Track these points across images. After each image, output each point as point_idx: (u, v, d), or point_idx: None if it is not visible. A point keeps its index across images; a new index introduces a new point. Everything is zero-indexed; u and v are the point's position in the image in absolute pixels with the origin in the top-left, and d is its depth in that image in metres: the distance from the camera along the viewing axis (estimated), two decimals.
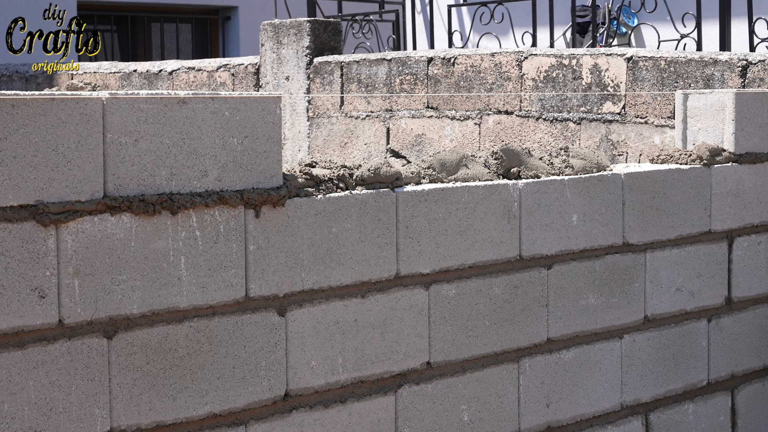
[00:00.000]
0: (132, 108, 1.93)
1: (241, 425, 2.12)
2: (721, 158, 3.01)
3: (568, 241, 2.66)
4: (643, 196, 2.81)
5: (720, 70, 4.73)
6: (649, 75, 5.01)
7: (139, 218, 1.95)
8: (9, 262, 1.82)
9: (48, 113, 1.83)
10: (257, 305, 2.13)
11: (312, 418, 2.22)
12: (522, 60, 5.55)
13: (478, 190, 2.47)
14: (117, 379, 1.95)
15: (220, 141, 2.04)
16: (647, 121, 5.02)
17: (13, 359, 1.84)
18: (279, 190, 2.12)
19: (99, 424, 1.93)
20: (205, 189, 2.03)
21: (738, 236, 3.07)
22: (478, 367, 2.51)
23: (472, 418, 2.49)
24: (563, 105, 5.39)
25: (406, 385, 2.38)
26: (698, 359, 2.99)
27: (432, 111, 6.03)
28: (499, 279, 2.53)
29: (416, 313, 2.38)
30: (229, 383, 2.09)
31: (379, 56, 6.40)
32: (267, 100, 2.10)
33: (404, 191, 2.35)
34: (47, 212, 1.84)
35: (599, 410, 2.76)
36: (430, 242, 2.39)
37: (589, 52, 5.31)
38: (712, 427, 3.04)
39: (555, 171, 2.66)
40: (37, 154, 1.83)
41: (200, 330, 2.05)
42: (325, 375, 2.24)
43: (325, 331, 2.23)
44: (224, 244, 2.07)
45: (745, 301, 3.11)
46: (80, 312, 1.90)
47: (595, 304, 2.73)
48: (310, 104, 6.64)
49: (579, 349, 2.71)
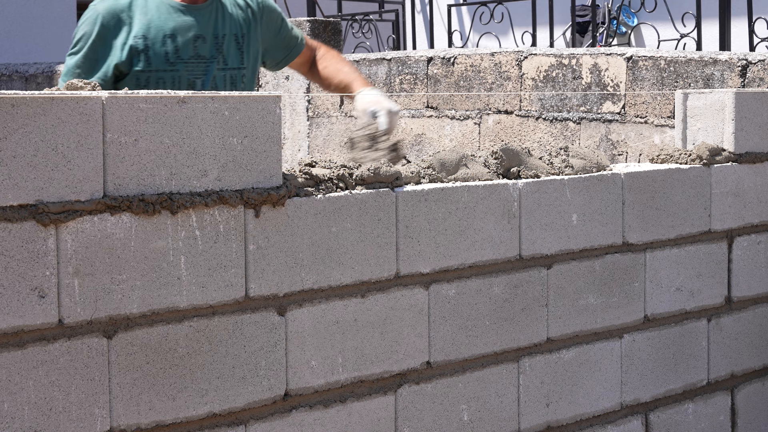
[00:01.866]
0: (132, 107, 1.93)
1: (240, 425, 2.12)
2: (721, 158, 3.01)
3: (567, 240, 2.66)
4: (643, 195, 2.81)
5: (720, 70, 4.73)
6: (648, 75, 5.01)
7: (138, 218, 1.95)
8: (9, 261, 1.82)
9: (48, 113, 1.83)
10: (257, 305, 2.13)
11: (312, 417, 2.22)
12: (522, 60, 5.55)
13: (477, 189, 2.47)
14: (117, 379, 1.95)
15: (220, 140, 2.04)
16: (647, 121, 5.02)
17: (13, 359, 1.84)
18: (279, 190, 2.12)
19: (99, 423, 1.93)
20: (205, 189, 2.03)
21: (738, 236, 3.07)
22: (477, 367, 2.51)
23: (471, 417, 2.50)
24: (563, 104, 5.39)
25: (405, 384, 2.38)
26: (698, 359, 2.99)
27: (432, 110, 6.03)
28: (498, 279, 2.53)
29: (416, 312, 2.38)
30: (229, 383, 2.09)
31: (379, 56, 6.40)
32: (267, 100, 2.10)
33: (404, 191, 2.35)
34: (47, 212, 1.84)
35: (599, 410, 2.76)
36: (430, 242, 2.39)
37: (588, 52, 5.31)
38: (711, 426, 3.04)
39: (555, 171, 2.66)
40: (36, 154, 1.83)
41: (200, 330, 2.05)
42: (325, 374, 2.24)
43: (324, 331, 2.23)
44: (224, 243, 2.07)
45: (744, 300, 3.11)
46: (80, 312, 1.90)
47: (594, 304, 2.73)
48: (309, 104, 6.64)
49: (579, 349, 2.71)
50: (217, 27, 3.08)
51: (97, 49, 2.99)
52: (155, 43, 2.99)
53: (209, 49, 3.06)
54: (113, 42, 2.98)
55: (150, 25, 3.00)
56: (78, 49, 3.01)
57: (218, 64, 3.08)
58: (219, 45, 3.08)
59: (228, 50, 3.09)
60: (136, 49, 2.98)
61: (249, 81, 3.20)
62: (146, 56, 2.98)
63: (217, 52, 3.07)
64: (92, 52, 2.99)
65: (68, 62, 3.03)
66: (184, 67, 3.01)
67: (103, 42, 2.99)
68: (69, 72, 3.00)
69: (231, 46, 3.10)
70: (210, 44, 3.06)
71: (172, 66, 3.00)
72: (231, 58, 3.11)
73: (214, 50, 3.06)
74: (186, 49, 3.02)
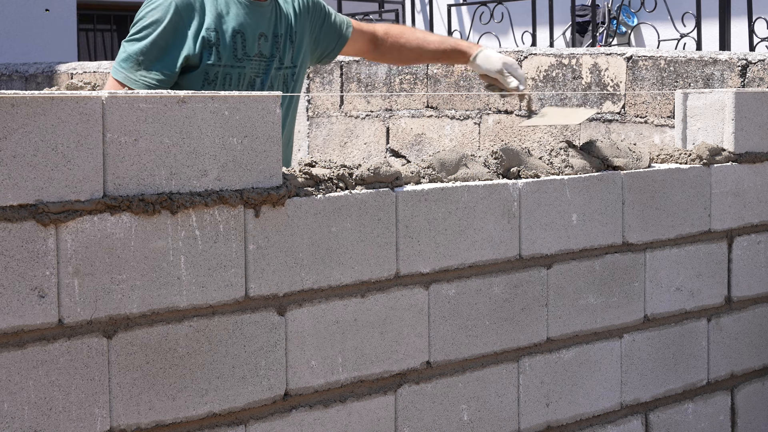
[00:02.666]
0: (131, 107, 1.93)
1: (240, 425, 2.12)
2: (721, 158, 3.01)
3: (567, 240, 2.66)
4: (643, 195, 2.82)
5: (720, 70, 4.73)
6: (648, 74, 5.01)
7: (138, 218, 1.95)
8: (9, 261, 1.82)
9: (48, 112, 1.83)
10: (257, 305, 2.13)
11: (312, 417, 2.22)
12: (522, 59, 5.55)
13: (477, 189, 2.47)
14: (117, 379, 1.95)
15: (220, 140, 2.04)
16: (647, 121, 5.02)
17: (13, 359, 1.84)
18: (279, 190, 2.12)
19: (99, 423, 1.93)
20: (205, 188, 2.03)
21: (738, 236, 3.08)
22: (477, 367, 2.51)
23: (471, 417, 2.50)
24: (563, 104, 5.39)
25: (405, 384, 2.38)
26: (698, 359, 2.99)
27: (432, 110, 6.03)
28: (498, 278, 2.53)
29: (416, 312, 2.38)
30: (229, 383, 2.09)
31: None
32: (267, 100, 2.10)
33: (404, 191, 2.35)
34: (47, 212, 1.84)
35: (599, 410, 2.76)
36: (430, 242, 2.39)
37: (588, 52, 5.31)
38: (711, 426, 3.04)
39: (555, 170, 2.66)
40: (36, 154, 1.83)
41: (200, 329, 2.05)
42: (325, 374, 2.24)
43: (324, 331, 2.23)
44: (224, 243, 2.07)
45: (744, 300, 3.11)
46: (80, 311, 1.90)
47: (594, 304, 2.73)
48: (309, 104, 6.64)
49: (579, 349, 2.71)
50: (276, 26, 3.04)
51: (168, 37, 2.84)
52: (225, 37, 2.90)
53: (270, 47, 3.01)
54: (186, 32, 2.86)
55: (221, 19, 2.91)
56: (145, 35, 2.84)
57: (276, 63, 3.03)
58: (277, 44, 3.04)
59: (284, 49, 3.06)
60: (208, 42, 2.87)
61: (300, 80, 3.17)
62: (217, 50, 2.88)
63: (276, 51, 3.03)
64: (162, 40, 2.84)
65: (129, 48, 2.86)
66: (249, 64, 2.95)
67: (174, 31, 2.85)
68: (131, 59, 2.83)
69: (286, 45, 3.07)
70: (270, 43, 3.02)
71: (239, 62, 2.93)
72: (286, 57, 3.07)
73: (273, 49, 3.02)
74: (252, 47, 2.96)
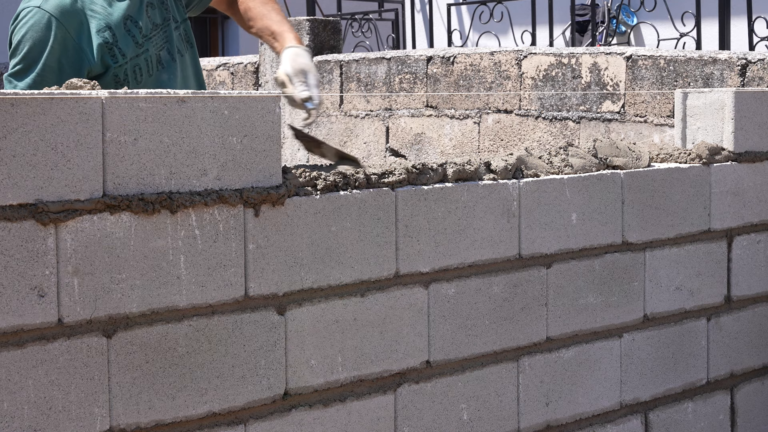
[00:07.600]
0: (131, 107, 1.93)
1: (240, 424, 2.12)
2: (721, 157, 3.01)
3: (567, 240, 2.66)
4: (643, 195, 2.82)
5: (719, 69, 4.73)
6: (648, 74, 5.01)
7: (138, 217, 1.95)
8: (8, 261, 1.82)
9: (47, 112, 1.83)
10: (256, 304, 2.13)
11: (311, 416, 2.22)
12: (521, 59, 5.55)
13: (477, 189, 2.47)
14: (116, 378, 1.95)
15: (220, 140, 2.04)
16: (647, 120, 5.02)
17: (13, 358, 1.84)
18: (278, 189, 2.12)
19: (98, 423, 1.93)
20: (205, 188, 2.03)
21: (737, 235, 3.08)
22: (477, 366, 2.51)
23: (471, 416, 2.50)
24: (562, 104, 5.39)
25: (405, 383, 2.38)
26: (698, 358, 2.99)
27: (431, 110, 6.03)
28: (498, 278, 2.53)
29: (416, 312, 2.38)
30: (229, 382, 2.09)
31: (379, 55, 6.40)
32: (266, 99, 2.10)
33: (403, 190, 2.35)
34: (46, 211, 1.84)
35: (599, 409, 2.76)
36: (430, 241, 2.39)
37: (588, 51, 5.31)
38: (711, 425, 3.04)
39: (554, 170, 2.66)
40: (36, 153, 1.83)
41: (199, 329, 2.05)
42: (325, 374, 2.24)
43: (324, 330, 2.23)
44: (223, 243, 2.07)
45: (744, 299, 3.11)
46: (79, 311, 1.90)
47: (594, 303, 2.73)
48: None
49: (578, 348, 2.71)
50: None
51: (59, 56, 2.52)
52: (120, 30, 2.61)
53: (159, 13, 2.72)
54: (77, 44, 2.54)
55: (105, 13, 2.60)
56: (29, 63, 2.50)
57: (172, 24, 2.74)
58: (164, 3, 2.74)
59: (171, 6, 2.77)
60: (107, 44, 2.58)
61: (190, 30, 2.85)
62: (119, 49, 2.60)
63: (166, 12, 2.74)
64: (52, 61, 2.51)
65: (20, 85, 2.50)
66: (149, 43, 2.67)
67: (64, 47, 2.53)
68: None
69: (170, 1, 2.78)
70: (158, 8, 2.72)
71: (141, 48, 2.64)
72: (178, 13, 2.80)
73: (163, 11, 2.73)
74: (146, 24, 2.66)
